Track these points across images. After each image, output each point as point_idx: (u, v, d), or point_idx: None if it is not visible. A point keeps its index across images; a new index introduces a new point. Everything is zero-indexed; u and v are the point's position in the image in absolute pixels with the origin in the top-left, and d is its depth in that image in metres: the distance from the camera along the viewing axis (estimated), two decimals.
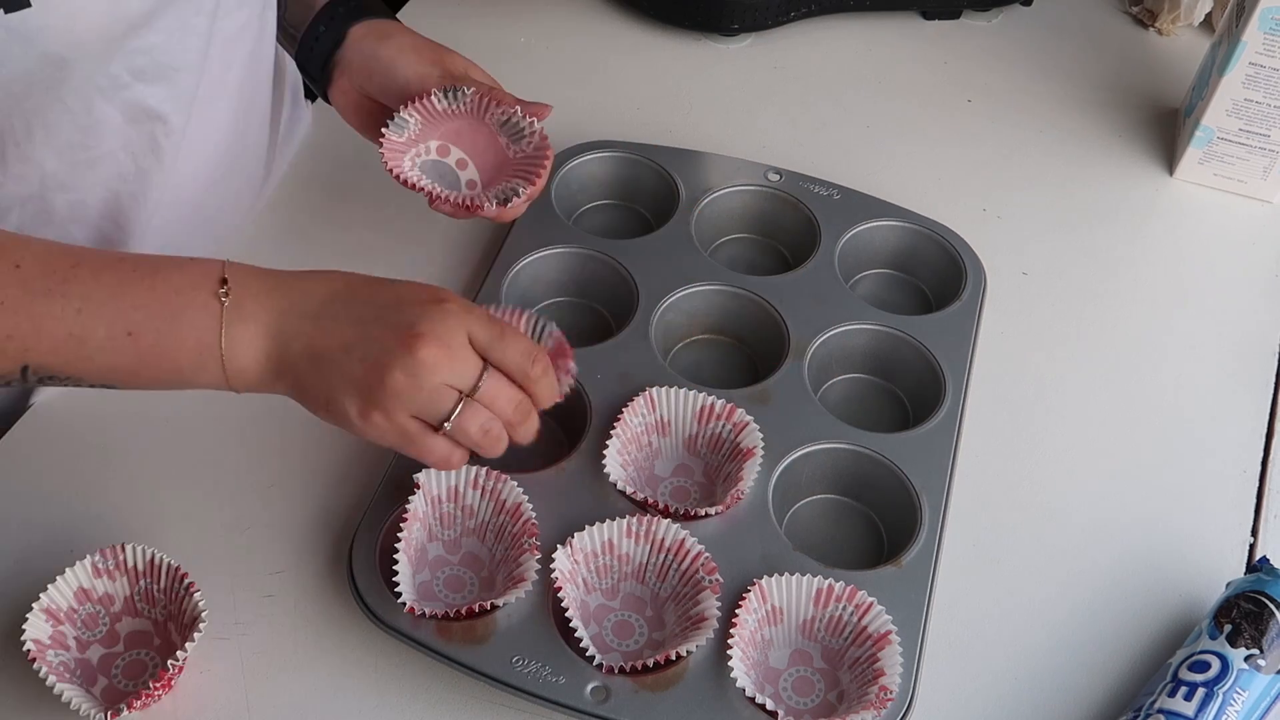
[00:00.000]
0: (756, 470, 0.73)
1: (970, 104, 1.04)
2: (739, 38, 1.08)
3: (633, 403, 0.75)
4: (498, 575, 0.70)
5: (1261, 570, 0.69)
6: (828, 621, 0.68)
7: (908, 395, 0.83)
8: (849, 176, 0.92)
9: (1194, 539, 0.77)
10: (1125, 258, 0.93)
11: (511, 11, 1.07)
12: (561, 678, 0.65)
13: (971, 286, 0.86)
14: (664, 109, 1.01)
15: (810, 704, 0.67)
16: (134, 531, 0.73)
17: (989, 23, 1.12)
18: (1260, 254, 0.94)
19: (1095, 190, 0.98)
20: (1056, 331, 0.88)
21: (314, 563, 0.73)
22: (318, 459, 0.77)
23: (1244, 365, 0.86)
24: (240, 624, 0.70)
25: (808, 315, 0.82)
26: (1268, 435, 0.82)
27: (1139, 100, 1.05)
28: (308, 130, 0.98)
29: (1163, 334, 0.88)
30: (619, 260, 0.85)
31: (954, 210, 0.91)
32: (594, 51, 1.06)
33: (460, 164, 0.80)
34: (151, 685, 0.64)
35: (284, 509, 0.75)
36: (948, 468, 0.75)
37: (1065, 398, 0.84)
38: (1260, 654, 0.65)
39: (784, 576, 0.68)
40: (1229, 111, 0.93)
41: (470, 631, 0.67)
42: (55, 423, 0.79)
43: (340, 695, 0.68)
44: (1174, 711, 0.65)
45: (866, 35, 1.10)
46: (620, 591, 0.71)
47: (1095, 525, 0.77)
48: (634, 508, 0.72)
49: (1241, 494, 0.79)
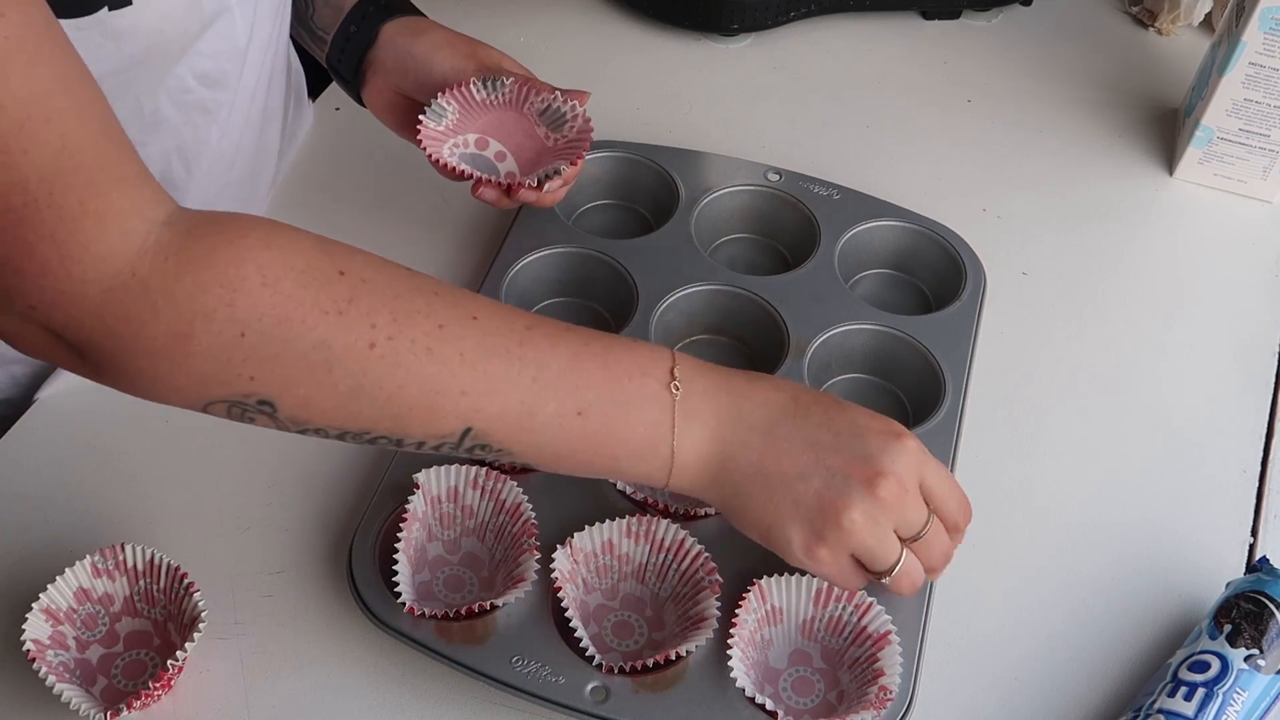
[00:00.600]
0: None
1: (970, 104, 1.04)
2: (739, 38, 1.08)
3: None
4: (497, 575, 0.70)
5: (1261, 570, 0.69)
6: (827, 621, 0.68)
7: (907, 395, 0.83)
8: (849, 176, 0.92)
9: (1194, 539, 0.77)
10: (1125, 258, 0.93)
11: (511, 11, 1.07)
12: (561, 678, 0.65)
13: (971, 286, 0.86)
14: (664, 109, 1.01)
15: (810, 704, 0.67)
16: (134, 531, 0.73)
17: (989, 23, 1.12)
18: (1260, 254, 0.94)
19: (1095, 190, 0.98)
20: (1056, 331, 0.88)
21: (314, 563, 0.73)
22: (317, 459, 0.77)
23: (1244, 365, 0.86)
24: (240, 624, 0.70)
25: (807, 315, 0.82)
26: (1267, 435, 0.82)
27: (1139, 100, 1.05)
28: (308, 130, 0.98)
29: (1162, 334, 0.88)
30: (619, 260, 0.85)
31: (954, 210, 0.91)
32: (594, 51, 1.06)
33: (499, 156, 0.80)
34: (151, 685, 0.64)
35: (284, 509, 0.75)
36: (947, 468, 0.75)
37: (1065, 398, 0.84)
38: (1260, 654, 0.65)
39: (784, 576, 0.68)
40: (1229, 111, 0.93)
41: (470, 631, 0.67)
42: (55, 423, 0.79)
43: (340, 695, 0.68)
44: (1174, 711, 0.65)
45: (866, 35, 1.10)
46: (620, 591, 0.71)
47: (1095, 525, 0.77)
48: (634, 508, 0.72)
49: (1241, 494, 0.79)
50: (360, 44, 0.80)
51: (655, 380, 0.61)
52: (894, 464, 0.60)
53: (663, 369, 0.61)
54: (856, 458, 0.60)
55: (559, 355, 0.59)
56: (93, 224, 0.52)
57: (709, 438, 0.61)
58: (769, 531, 0.62)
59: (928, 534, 0.62)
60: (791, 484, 0.60)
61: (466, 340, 0.57)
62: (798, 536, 0.61)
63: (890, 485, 0.60)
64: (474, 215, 0.92)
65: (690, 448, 0.61)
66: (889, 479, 0.60)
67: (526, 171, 0.80)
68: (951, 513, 0.64)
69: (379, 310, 0.56)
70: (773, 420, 0.61)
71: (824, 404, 0.63)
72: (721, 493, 0.62)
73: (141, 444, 0.78)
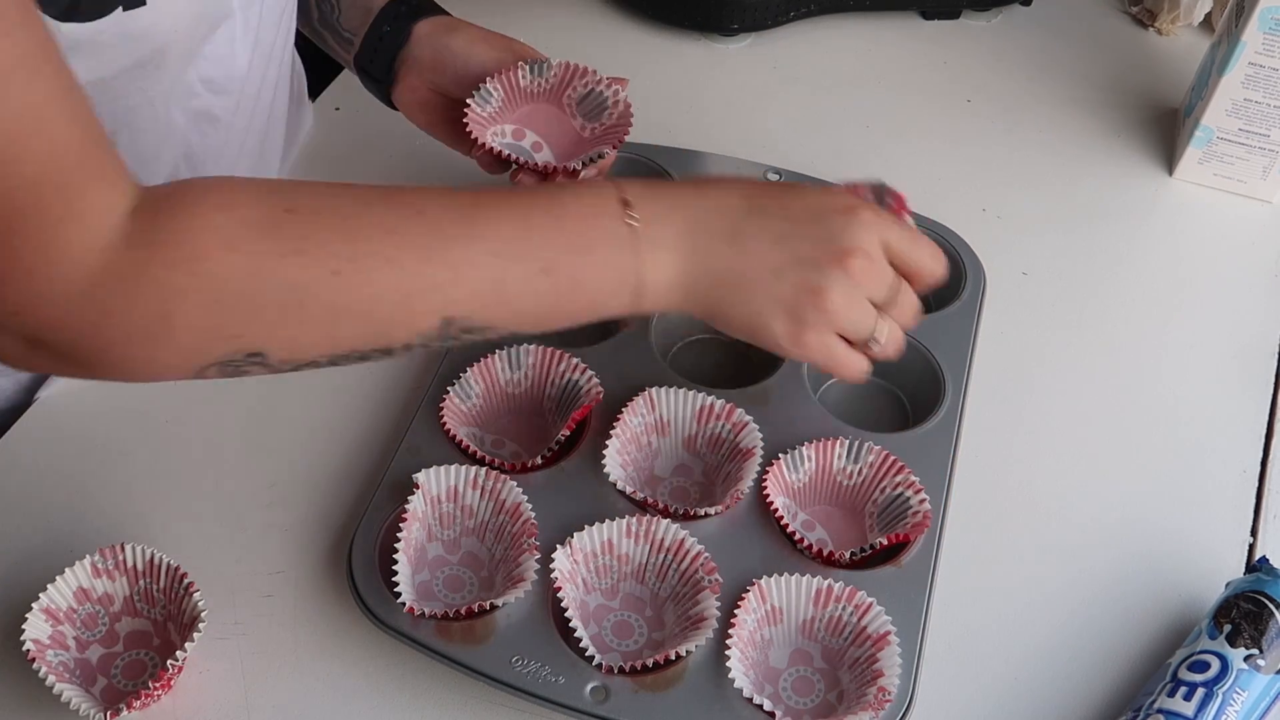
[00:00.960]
0: (756, 470, 0.73)
1: (970, 104, 1.04)
2: (739, 38, 1.08)
3: (632, 403, 0.75)
4: (497, 575, 0.70)
5: (1261, 570, 0.69)
6: (827, 621, 0.68)
7: (907, 395, 0.83)
8: (848, 176, 0.92)
9: (1193, 539, 0.77)
10: (1125, 258, 0.93)
11: (511, 12, 1.07)
12: (561, 678, 0.65)
13: (971, 286, 0.86)
14: (663, 109, 1.01)
15: (810, 704, 0.67)
16: (133, 531, 0.73)
17: (988, 23, 1.12)
18: (1260, 254, 0.94)
19: (1095, 190, 0.98)
20: (1056, 331, 0.88)
21: (313, 563, 0.73)
22: (317, 459, 0.77)
23: (1243, 365, 0.86)
24: (240, 624, 0.70)
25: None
26: (1267, 435, 0.82)
27: (1138, 100, 1.05)
28: (309, 131, 0.98)
29: (1162, 334, 0.88)
30: None
31: (953, 210, 0.91)
32: (594, 51, 1.06)
33: (535, 147, 0.80)
34: (151, 685, 0.64)
35: (284, 509, 0.75)
36: (947, 467, 0.75)
37: (1065, 397, 0.84)
38: (1260, 654, 0.65)
39: (783, 577, 0.68)
40: (1228, 111, 0.93)
41: (470, 631, 0.67)
42: (55, 422, 0.79)
43: (340, 695, 0.68)
44: (1173, 711, 0.65)
45: (866, 35, 1.10)
46: (620, 591, 0.71)
47: (1094, 525, 0.77)
48: (633, 508, 0.72)
49: (1241, 494, 0.79)
50: (394, 43, 0.81)
51: (609, 218, 0.62)
52: (857, 238, 0.63)
53: (614, 205, 0.62)
54: (822, 242, 0.62)
55: (509, 221, 0.61)
56: (74, 226, 0.53)
57: (678, 259, 0.62)
58: (754, 330, 0.64)
59: (899, 297, 0.66)
60: (767, 281, 0.62)
61: (419, 237, 0.58)
62: (783, 328, 0.63)
63: (859, 260, 0.62)
64: None
65: (662, 273, 0.62)
66: (857, 255, 0.62)
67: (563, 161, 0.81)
68: (923, 262, 0.67)
69: (334, 238, 0.57)
70: (734, 223, 0.63)
71: (776, 194, 0.65)
72: (702, 304, 0.64)
73: (141, 444, 0.78)
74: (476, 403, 0.77)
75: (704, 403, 0.76)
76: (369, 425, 0.79)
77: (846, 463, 0.74)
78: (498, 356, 0.77)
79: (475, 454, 0.73)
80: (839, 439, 0.74)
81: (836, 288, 0.62)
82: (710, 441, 0.76)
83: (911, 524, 0.71)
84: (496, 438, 0.78)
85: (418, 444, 0.74)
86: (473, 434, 0.76)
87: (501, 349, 0.77)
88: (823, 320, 0.63)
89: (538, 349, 0.77)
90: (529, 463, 0.74)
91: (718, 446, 0.76)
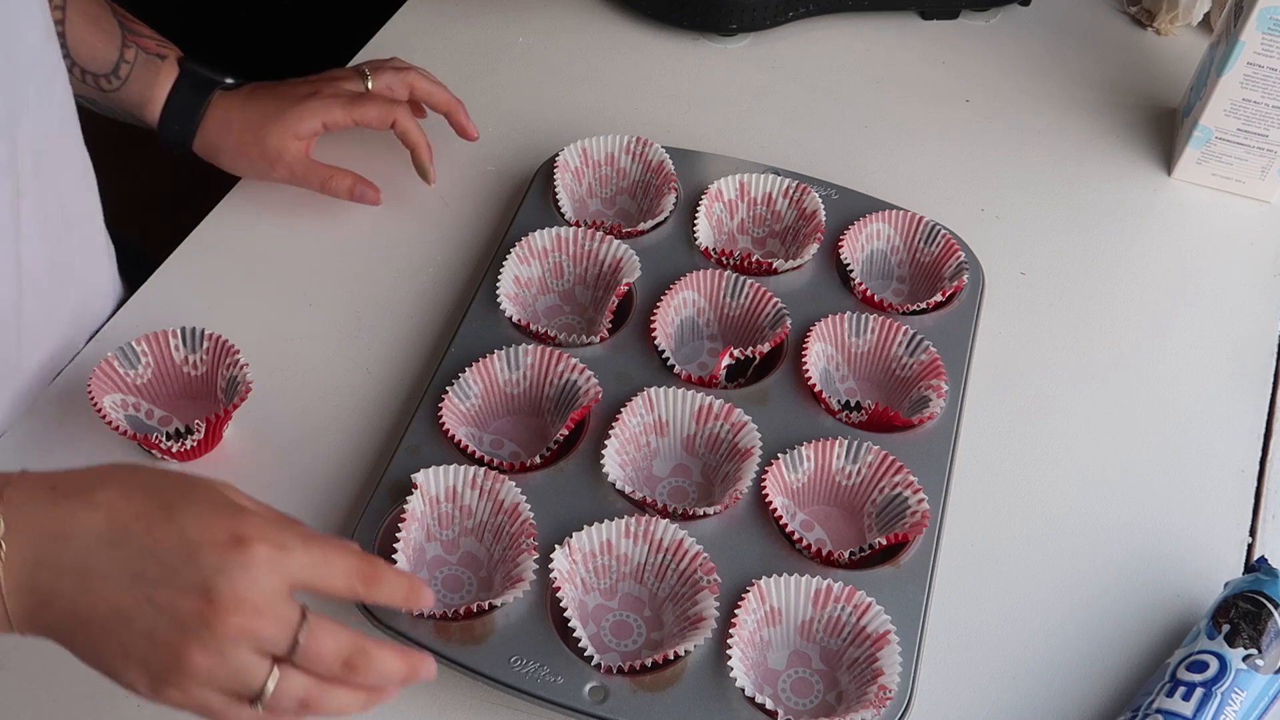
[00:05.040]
0: (754, 470, 0.73)
1: (969, 104, 1.04)
2: (737, 37, 1.08)
3: (631, 403, 0.75)
4: (496, 575, 0.70)
5: (1260, 570, 0.69)
6: (826, 622, 0.68)
7: None
8: (847, 176, 0.92)
9: (1192, 539, 0.77)
10: (1123, 258, 0.93)
11: (510, 11, 1.07)
12: (560, 678, 0.65)
13: (970, 286, 0.86)
14: (663, 109, 1.01)
15: (809, 705, 0.67)
16: None
17: (987, 23, 1.12)
18: (1259, 254, 0.94)
19: (1094, 190, 0.98)
20: (1054, 331, 0.88)
21: None
22: (316, 459, 0.77)
23: (1242, 365, 0.86)
24: None
25: (807, 314, 0.82)
26: (1266, 435, 0.83)
27: (1137, 100, 1.05)
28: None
29: (1161, 334, 0.88)
30: None
31: (952, 210, 0.91)
32: (593, 51, 1.06)
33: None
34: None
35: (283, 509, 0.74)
36: (946, 467, 0.76)
37: (1063, 397, 0.84)
38: (1258, 654, 0.65)
39: (783, 577, 0.68)
40: (1227, 111, 0.93)
41: (468, 631, 0.67)
42: (55, 422, 0.78)
43: None
44: (1172, 711, 0.65)
45: (865, 35, 1.10)
46: (618, 591, 0.71)
47: (1093, 525, 0.77)
48: (632, 508, 0.72)
49: (1240, 494, 0.79)
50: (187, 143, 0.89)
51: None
52: (234, 586, 0.51)
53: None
54: (188, 590, 0.51)
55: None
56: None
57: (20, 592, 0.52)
58: (111, 677, 0.54)
59: (303, 644, 0.53)
60: (115, 630, 0.52)
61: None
62: (139, 683, 0.53)
63: (230, 616, 0.51)
64: (474, 216, 0.92)
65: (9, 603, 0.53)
66: (227, 610, 0.51)
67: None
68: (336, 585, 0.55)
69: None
70: (85, 556, 0.52)
71: (147, 519, 0.53)
72: (59, 640, 0.54)
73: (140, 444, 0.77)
74: (475, 403, 0.77)
75: (702, 402, 0.76)
76: (368, 425, 0.79)
77: (845, 463, 0.74)
78: (496, 357, 0.77)
79: (474, 454, 0.74)
80: (838, 439, 0.74)
81: (199, 647, 0.51)
82: (709, 441, 0.76)
83: (910, 524, 0.71)
84: (495, 438, 0.78)
85: (416, 444, 0.74)
86: (471, 434, 0.76)
87: (500, 349, 0.77)
88: (186, 680, 0.52)
89: (537, 349, 0.77)
90: (528, 463, 0.74)
91: (716, 446, 0.76)
